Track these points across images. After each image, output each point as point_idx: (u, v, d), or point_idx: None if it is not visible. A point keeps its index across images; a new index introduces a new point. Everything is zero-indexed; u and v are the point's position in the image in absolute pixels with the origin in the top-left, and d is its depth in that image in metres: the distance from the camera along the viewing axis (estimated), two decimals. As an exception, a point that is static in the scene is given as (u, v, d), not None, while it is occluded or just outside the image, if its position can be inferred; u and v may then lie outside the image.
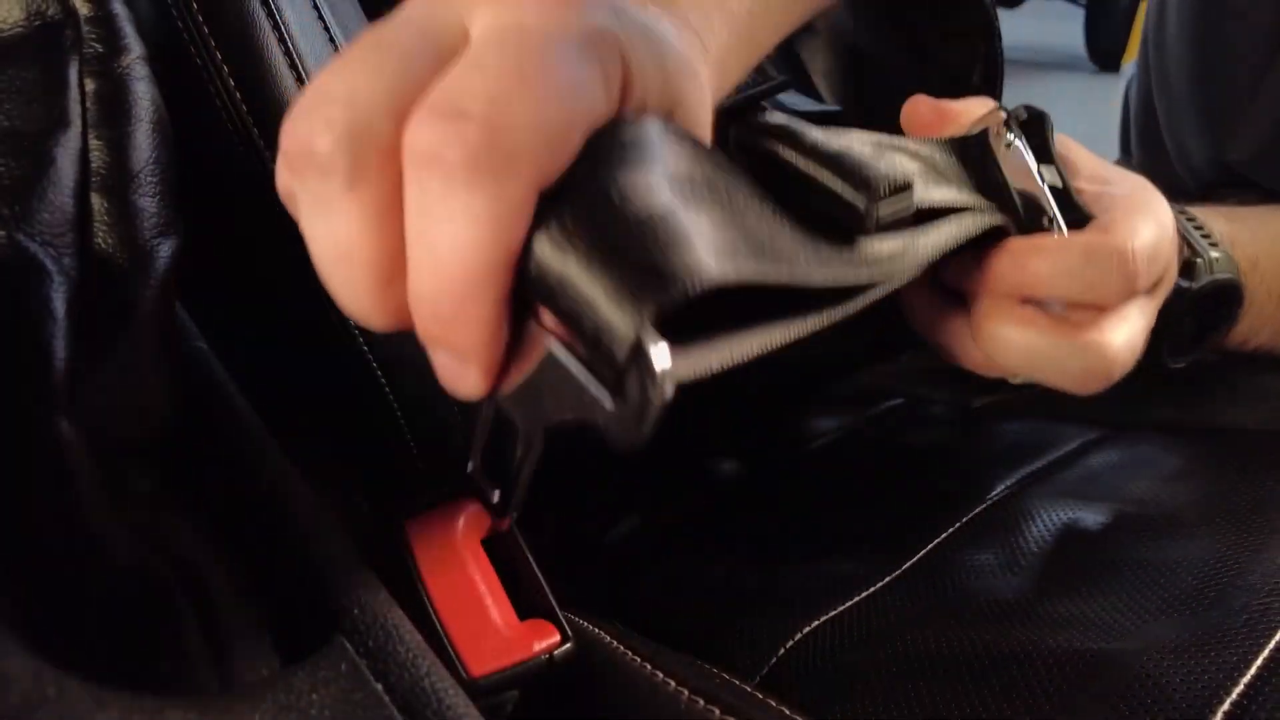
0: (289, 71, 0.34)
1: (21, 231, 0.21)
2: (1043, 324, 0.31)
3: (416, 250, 0.19)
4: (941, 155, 0.32)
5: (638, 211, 0.18)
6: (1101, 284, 0.31)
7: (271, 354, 0.39)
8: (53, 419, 0.19)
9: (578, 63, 0.19)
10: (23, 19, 0.25)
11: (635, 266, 0.17)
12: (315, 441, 0.42)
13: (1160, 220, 0.32)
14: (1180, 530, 0.39)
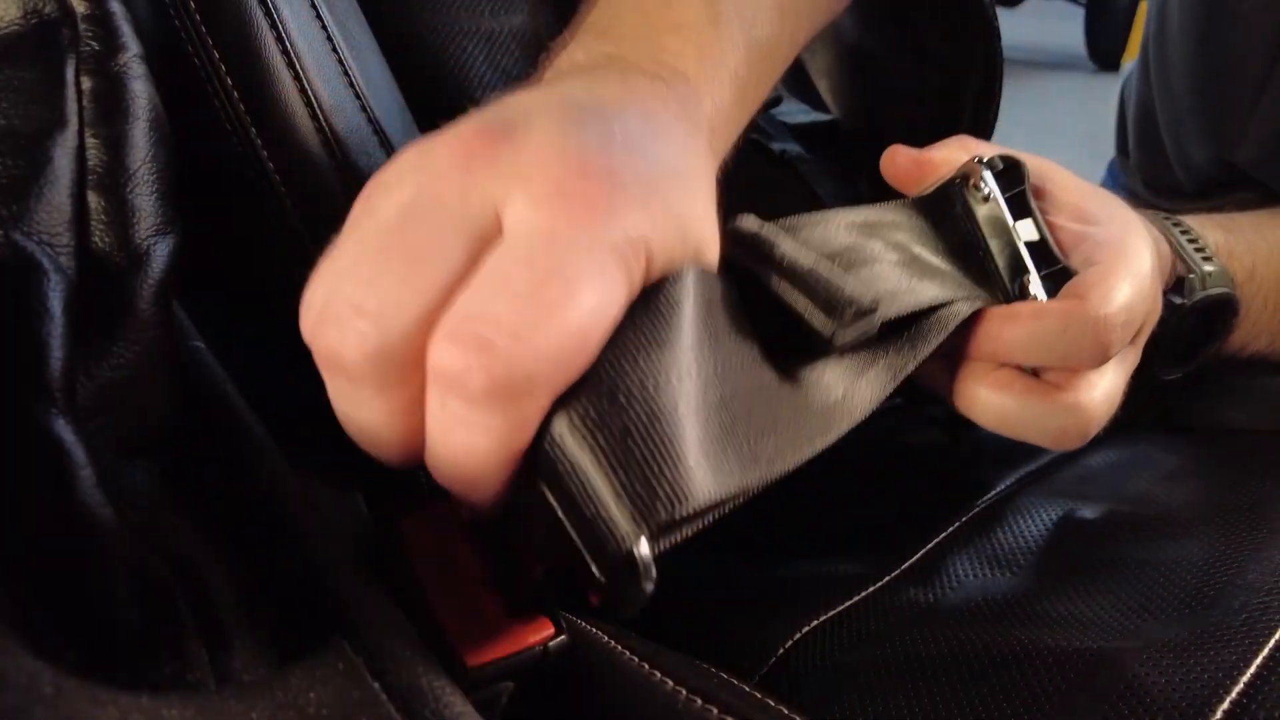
0: (286, 71, 0.34)
1: (19, 231, 0.21)
2: (1018, 387, 0.32)
3: (435, 444, 0.20)
4: (921, 223, 0.32)
5: (643, 416, 0.20)
6: (1075, 354, 0.31)
7: (269, 353, 0.39)
8: (50, 418, 0.19)
9: (605, 278, 0.20)
10: (19, 17, 0.25)
11: (639, 478, 0.19)
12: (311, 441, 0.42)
13: (1138, 271, 0.32)
14: (1179, 529, 0.39)
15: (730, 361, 0.23)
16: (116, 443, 0.22)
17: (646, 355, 0.20)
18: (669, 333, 0.21)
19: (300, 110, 0.34)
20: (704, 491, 0.20)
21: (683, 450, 0.20)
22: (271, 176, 0.33)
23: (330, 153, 0.34)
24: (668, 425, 0.20)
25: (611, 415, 0.19)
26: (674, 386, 0.20)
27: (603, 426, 0.19)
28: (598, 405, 0.20)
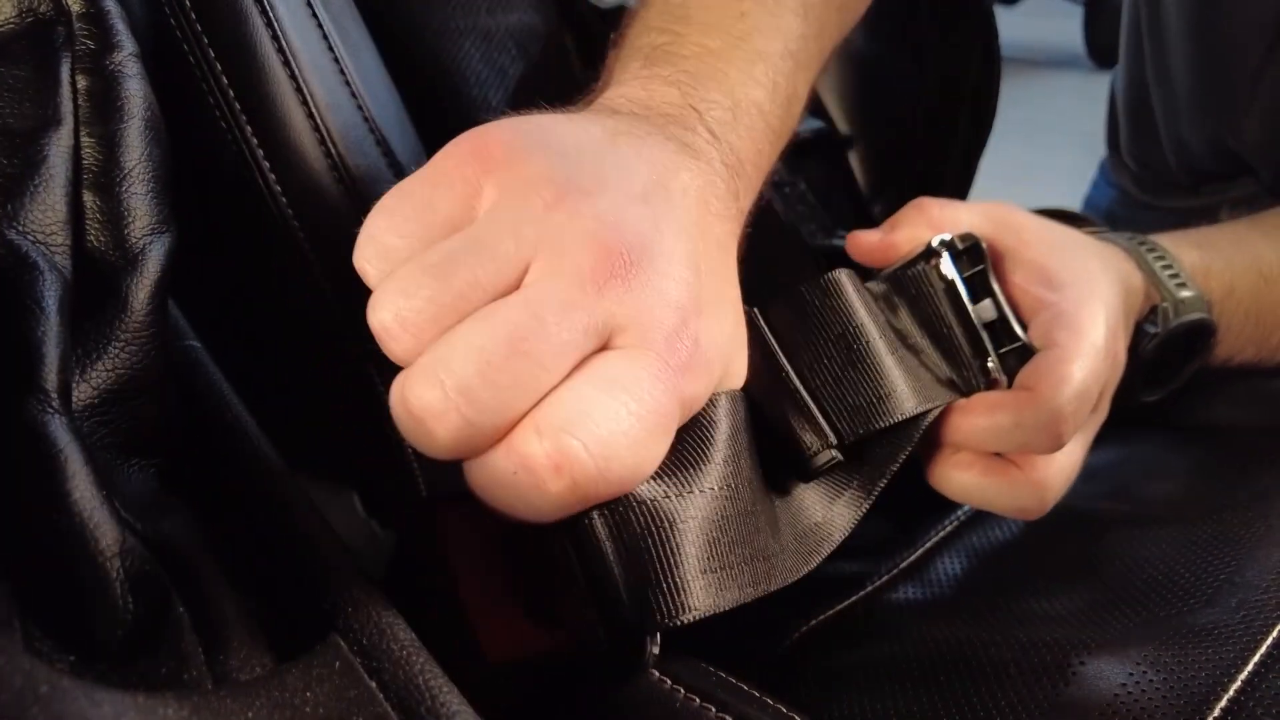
0: (282, 69, 0.34)
1: (14, 230, 0.21)
2: (979, 468, 0.34)
3: (491, 484, 0.22)
4: (891, 303, 0.34)
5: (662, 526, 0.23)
6: (1030, 443, 0.33)
7: (264, 352, 0.39)
8: (46, 418, 0.19)
9: (674, 426, 0.23)
10: (14, 16, 0.24)
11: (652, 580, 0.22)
12: (308, 440, 0.42)
13: (1091, 348, 0.33)
14: (1177, 528, 0.39)
15: (741, 480, 0.25)
16: (113, 442, 0.22)
17: (677, 469, 0.23)
18: (701, 451, 0.24)
19: (296, 108, 0.34)
20: (700, 606, 0.23)
21: (686, 575, 0.23)
22: (266, 175, 0.33)
23: (326, 151, 0.34)
24: (679, 538, 0.22)
25: (638, 517, 0.22)
26: (692, 500, 0.23)
27: (628, 525, 0.22)
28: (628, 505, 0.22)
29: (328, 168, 0.34)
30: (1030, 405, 0.32)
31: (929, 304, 0.34)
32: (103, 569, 0.19)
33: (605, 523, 0.22)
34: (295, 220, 0.34)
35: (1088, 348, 0.33)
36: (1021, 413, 0.32)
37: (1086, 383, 0.32)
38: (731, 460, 0.25)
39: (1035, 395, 0.32)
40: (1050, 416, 0.31)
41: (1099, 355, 0.33)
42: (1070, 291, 0.34)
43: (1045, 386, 0.32)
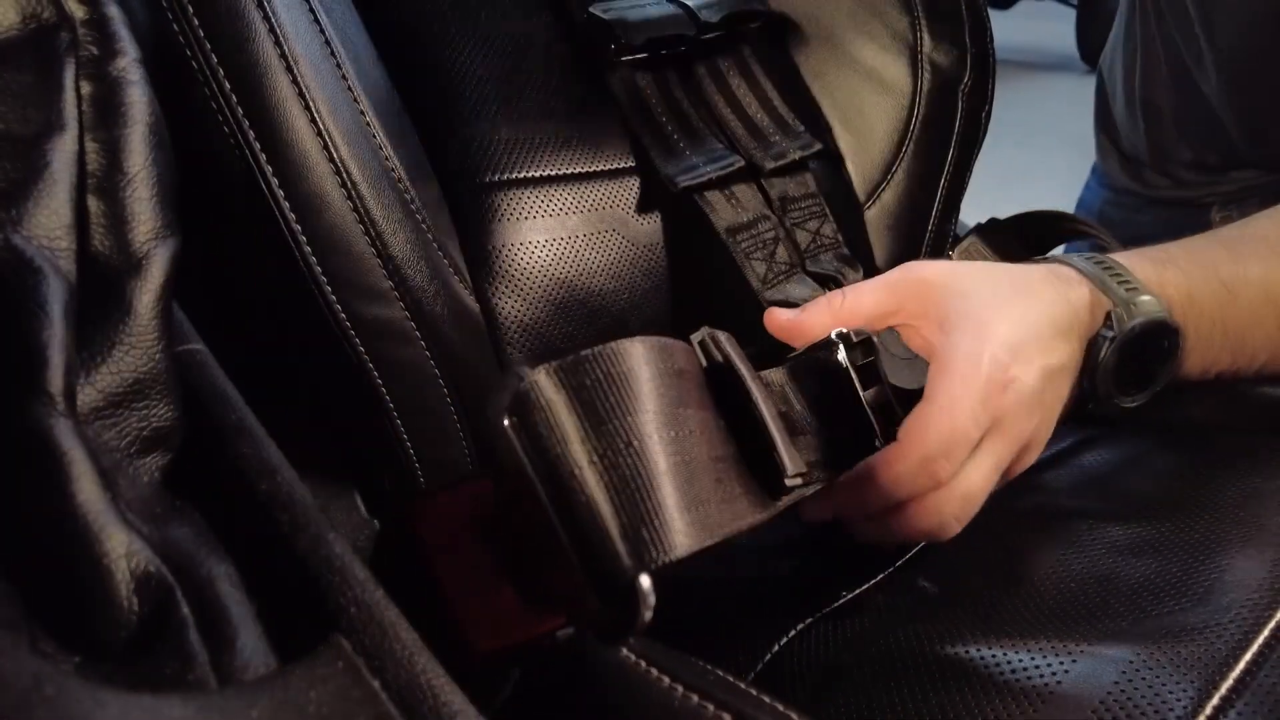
0: (284, 74, 0.34)
1: (19, 235, 0.22)
2: (881, 518, 0.38)
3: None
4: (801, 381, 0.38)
5: (649, 474, 0.24)
6: (910, 492, 0.36)
7: (267, 355, 0.39)
8: (52, 421, 0.19)
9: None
10: (18, 22, 0.25)
11: (643, 519, 0.23)
12: (310, 439, 0.42)
13: (966, 384, 0.37)
14: (1169, 529, 0.39)
15: (690, 428, 0.26)
16: (118, 445, 0.22)
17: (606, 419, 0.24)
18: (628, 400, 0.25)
19: (299, 113, 0.34)
20: (685, 543, 0.23)
21: (672, 512, 0.23)
22: (269, 179, 0.34)
23: (329, 155, 0.35)
24: (658, 480, 0.23)
25: (625, 461, 0.23)
26: (652, 444, 0.24)
27: (617, 470, 0.23)
28: (615, 449, 0.23)
29: (330, 171, 0.35)
30: (898, 459, 0.36)
31: (830, 386, 0.38)
32: (107, 571, 0.19)
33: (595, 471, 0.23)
34: (297, 224, 0.34)
35: (955, 391, 0.36)
36: (891, 468, 0.36)
37: (955, 423, 0.36)
38: (667, 408, 0.26)
39: (901, 448, 0.36)
40: (919, 463, 0.36)
41: (971, 394, 0.36)
42: (954, 337, 0.38)
43: (908, 438, 0.36)
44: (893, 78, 0.59)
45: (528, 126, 0.47)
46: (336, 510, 0.41)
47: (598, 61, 0.51)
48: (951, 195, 0.60)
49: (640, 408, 0.23)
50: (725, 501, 0.25)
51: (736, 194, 0.51)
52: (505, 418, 0.23)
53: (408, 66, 0.46)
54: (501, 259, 0.45)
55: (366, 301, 0.36)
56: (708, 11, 0.53)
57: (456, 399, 0.41)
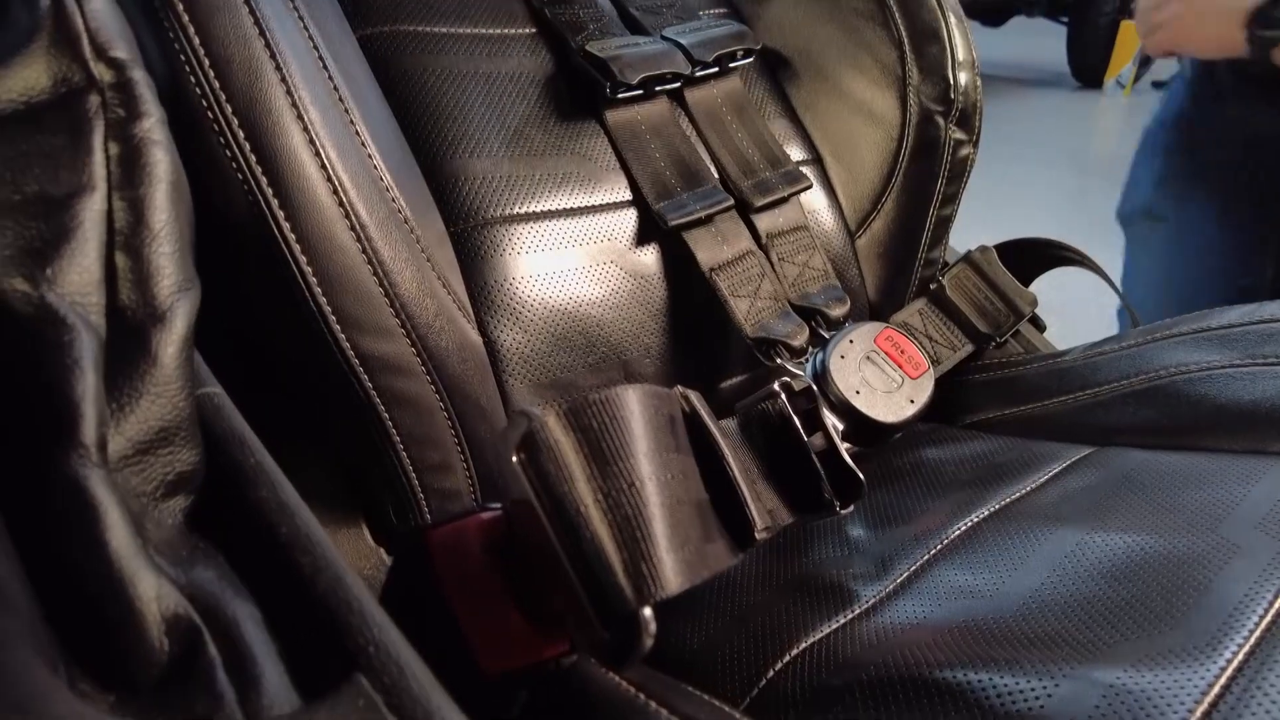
0: (295, 123, 0.36)
1: (52, 293, 0.23)
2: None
3: None
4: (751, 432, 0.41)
5: (647, 515, 0.25)
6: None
7: (277, 390, 0.40)
8: (86, 472, 0.21)
9: None
10: (49, 86, 0.26)
11: (642, 556, 0.24)
12: (317, 471, 0.43)
13: None
14: (1148, 552, 0.41)
15: (674, 471, 0.28)
16: (145, 490, 0.23)
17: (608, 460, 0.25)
18: (623, 444, 0.26)
19: (309, 160, 0.35)
20: (676, 582, 0.25)
21: (662, 555, 0.25)
22: (281, 224, 0.35)
23: (339, 200, 0.36)
24: (650, 520, 0.25)
25: (627, 500, 0.24)
26: (647, 487, 0.25)
27: (619, 508, 0.24)
28: (619, 489, 0.25)
29: (340, 215, 0.36)
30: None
31: (779, 433, 0.40)
32: (139, 614, 0.20)
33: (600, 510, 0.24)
34: (308, 266, 0.35)
35: None
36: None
37: None
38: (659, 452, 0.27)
39: None
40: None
41: None
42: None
43: None
44: (882, 110, 0.61)
45: (527, 163, 0.49)
46: (342, 538, 0.42)
47: (594, 98, 0.52)
48: (941, 224, 0.62)
49: (638, 451, 0.25)
50: (706, 543, 0.27)
51: (724, 231, 0.53)
52: (515, 454, 0.24)
53: (410, 106, 0.48)
54: (503, 292, 0.47)
55: (374, 338, 0.38)
56: (700, 49, 0.55)
57: (460, 430, 0.42)
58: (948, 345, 0.62)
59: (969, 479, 0.52)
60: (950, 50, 0.59)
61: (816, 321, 0.55)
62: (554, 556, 0.23)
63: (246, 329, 0.38)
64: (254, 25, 0.36)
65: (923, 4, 0.59)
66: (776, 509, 0.37)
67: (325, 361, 0.37)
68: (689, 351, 0.54)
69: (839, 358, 0.52)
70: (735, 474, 0.31)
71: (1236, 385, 0.52)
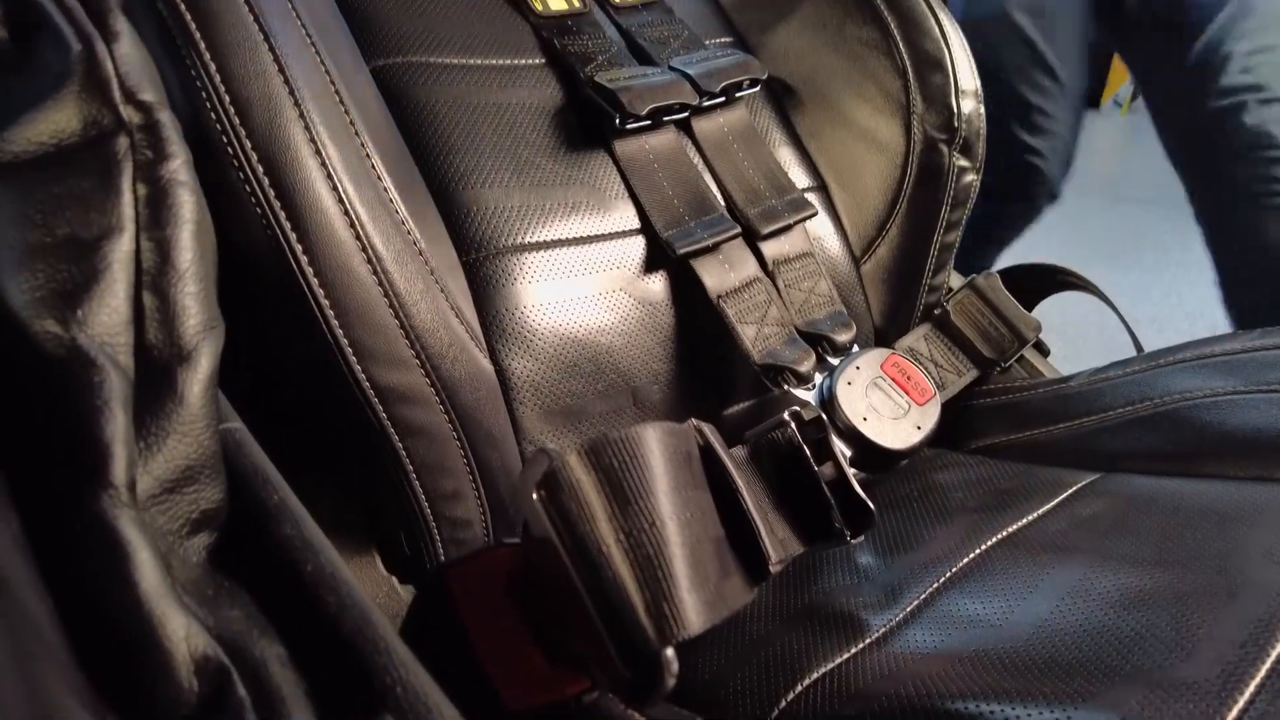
0: (313, 158, 0.36)
1: (83, 335, 0.23)
2: None
3: None
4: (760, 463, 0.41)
5: (668, 554, 0.25)
6: None
7: (294, 423, 0.40)
8: (117, 512, 0.21)
9: None
10: (79, 129, 0.27)
11: (664, 596, 0.25)
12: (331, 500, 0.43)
13: None
14: (1157, 581, 0.41)
15: (693, 509, 0.28)
16: (171, 528, 0.24)
17: (630, 499, 0.26)
18: (644, 483, 0.27)
19: (326, 194, 0.36)
20: (698, 622, 0.25)
21: (683, 596, 0.25)
22: (299, 257, 0.35)
23: (355, 234, 0.37)
24: (672, 560, 0.25)
25: (648, 540, 0.25)
26: (669, 526, 0.26)
27: (640, 548, 0.24)
28: (640, 529, 0.25)
29: (357, 249, 0.37)
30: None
31: (789, 461, 0.40)
32: (168, 654, 0.20)
33: (621, 549, 0.24)
34: (325, 299, 0.36)
35: None
36: None
37: None
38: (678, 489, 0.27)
39: None
40: None
41: None
42: None
43: None
44: (886, 137, 0.61)
45: (538, 193, 0.50)
46: (355, 567, 0.42)
47: (603, 129, 0.53)
48: (945, 250, 0.62)
49: (658, 489, 0.25)
50: (724, 580, 0.27)
51: (731, 258, 0.54)
52: (535, 492, 0.24)
53: (422, 136, 0.48)
54: (514, 320, 0.47)
55: (389, 369, 0.38)
56: (707, 80, 0.56)
57: (472, 458, 0.43)
58: (953, 370, 0.62)
59: (976, 505, 0.52)
60: (954, 79, 0.60)
61: (823, 347, 0.55)
62: (575, 595, 0.24)
63: (262, 362, 0.38)
64: (273, 62, 0.37)
65: (926, 33, 0.60)
66: (787, 538, 0.37)
67: (341, 393, 0.38)
68: (696, 377, 0.54)
69: (846, 384, 0.53)
70: (750, 509, 0.31)
71: (1241, 412, 0.52)
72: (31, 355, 0.23)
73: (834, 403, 0.52)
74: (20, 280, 0.23)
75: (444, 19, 0.53)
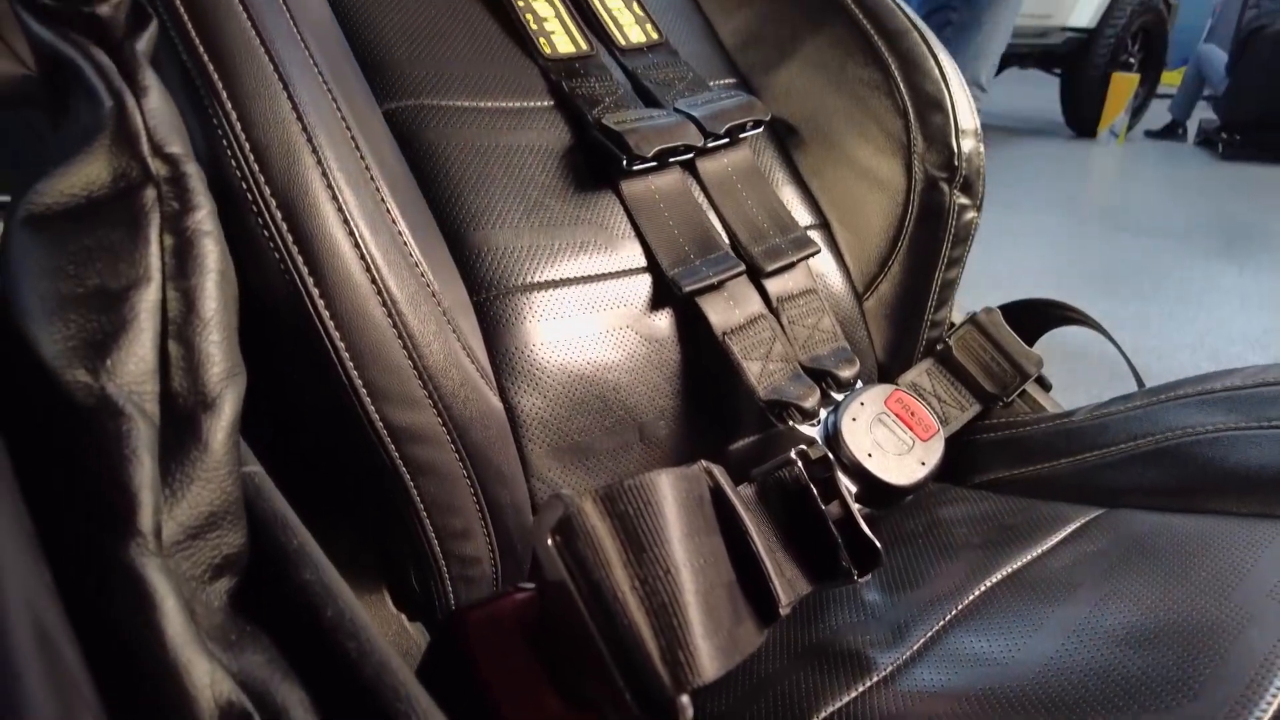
0: (330, 203, 0.37)
1: (112, 384, 0.24)
2: None
3: None
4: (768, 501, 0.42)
5: (683, 602, 0.26)
6: None
7: (309, 464, 0.41)
8: (144, 560, 0.22)
9: None
10: (109, 181, 0.27)
11: (679, 643, 0.25)
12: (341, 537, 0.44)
13: None
14: (1167, 618, 0.41)
15: (706, 556, 0.29)
16: (194, 574, 0.24)
17: (645, 547, 0.26)
18: (657, 531, 0.27)
19: (343, 239, 0.37)
20: (712, 669, 0.26)
21: (697, 645, 0.26)
22: (316, 301, 0.36)
23: (371, 278, 0.37)
24: (686, 607, 0.26)
25: (663, 587, 0.25)
26: (681, 574, 0.26)
27: (655, 595, 0.25)
28: (655, 576, 0.25)
29: (372, 291, 0.37)
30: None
31: (796, 500, 0.40)
32: (193, 700, 0.21)
33: (636, 597, 0.25)
34: (341, 341, 0.37)
35: None
36: None
37: None
38: (691, 535, 0.28)
39: None
40: None
41: None
42: None
43: None
44: (887, 176, 0.63)
45: (548, 233, 0.51)
46: (367, 605, 0.43)
47: (611, 170, 0.54)
48: (946, 286, 0.63)
49: (671, 536, 0.25)
50: (736, 625, 0.28)
51: (736, 295, 0.54)
52: (550, 538, 0.25)
53: (434, 178, 0.49)
54: (523, 358, 0.48)
55: (402, 409, 0.39)
56: (712, 121, 0.57)
57: (481, 496, 0.43)
58: (956, 406, 0.63)
59: (980, 542, 0.52)
60: (954, 119, 0.61)
61: (827, 383, 0.56)
62: (590, 641, 0.24)
63: (278, 406, 0.39)
64: (292, 110, 0.38)
65: (926, 74, 0.61)
66: (795, 578, 0.37)
67: (355, 434, 0.38)
68: (702, 413, 0.55)
69: (850, 420, 0.53)
70: (760, 553, 0.31)
71: (1242, 448, 0.52)
72: (63, 404, 0.23)
73: (839, 439, 0.52)
74: (53, 330, 0.24)
75: (455, 61, 0.54)
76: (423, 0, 0.56)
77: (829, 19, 0.64)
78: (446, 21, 0.56)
